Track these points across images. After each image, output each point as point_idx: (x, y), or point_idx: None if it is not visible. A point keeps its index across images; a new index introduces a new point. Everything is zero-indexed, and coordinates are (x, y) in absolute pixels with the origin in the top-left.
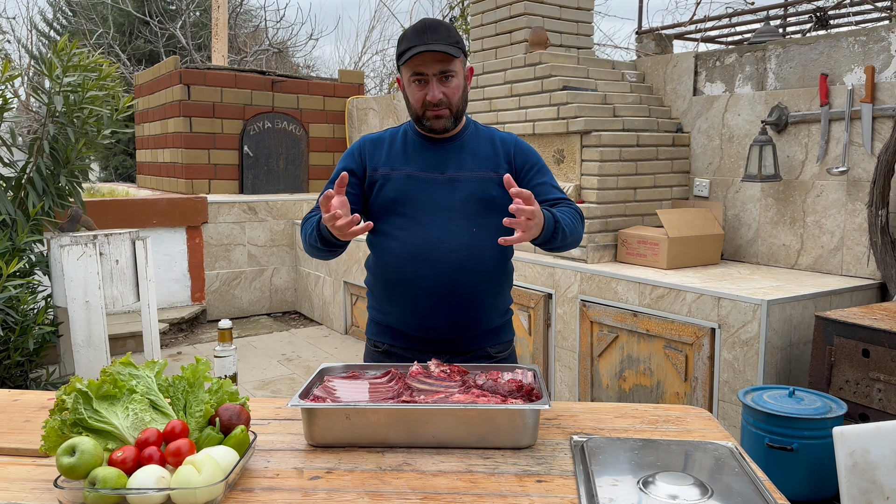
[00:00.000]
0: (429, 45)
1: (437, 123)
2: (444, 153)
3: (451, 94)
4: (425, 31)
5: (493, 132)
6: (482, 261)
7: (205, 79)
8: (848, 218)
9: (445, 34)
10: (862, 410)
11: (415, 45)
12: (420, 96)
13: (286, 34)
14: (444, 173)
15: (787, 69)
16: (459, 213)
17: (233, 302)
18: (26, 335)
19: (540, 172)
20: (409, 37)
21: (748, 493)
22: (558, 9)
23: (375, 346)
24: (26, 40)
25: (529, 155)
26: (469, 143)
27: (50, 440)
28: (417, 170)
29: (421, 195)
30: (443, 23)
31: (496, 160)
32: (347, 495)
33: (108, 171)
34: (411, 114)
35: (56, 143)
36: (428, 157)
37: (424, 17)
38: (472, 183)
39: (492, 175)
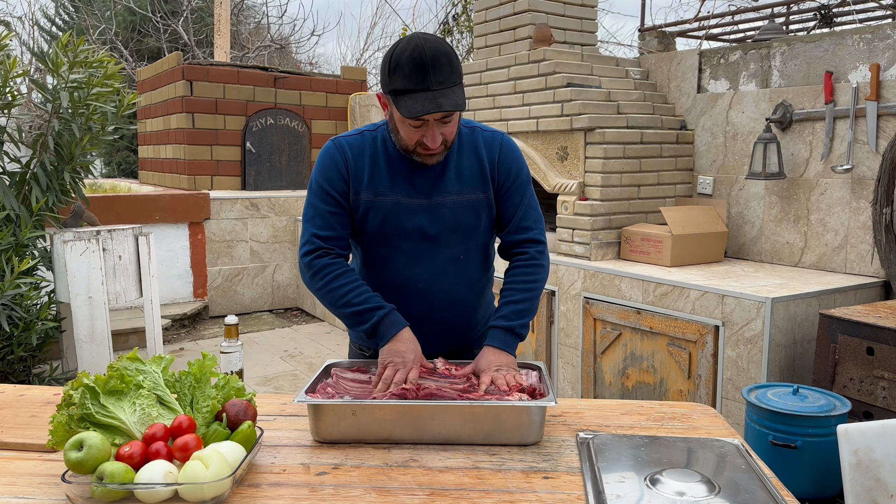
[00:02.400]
0: (436, 96)
1: (428, 160)
2: (429, 174)
3: (448, 134)
4: (426, 70)
5: (477, 139)
6: (469, 285)
7: (207, 75)
8: (852, 216)
9: (449, 70)
10: (866, 408)
11: (416, 91)
12: (415, 137)
13: (288, 30)
14: (431, 198)
15: (791, 67)
16: (446, 241)
17: (235, 298)
18: (29, 331)
19: (517, 189)
20: (405, 73)
21: (755, 490)
22: (562, 5)
23: (361, 349)
24: (29, 37)
25: (512, 164)
26: (452, 158)
27: (57, 435)
28: (402, 196)
29: (406, 225)
30: (442, 50)
31: (483, 177)
32: (354, 491)
33: (110, 167)
34: (397, 142)
35: (60, 140)
36: (412, 179)
37: (416, 39)
38: (458, 209)
39: (480, 196)
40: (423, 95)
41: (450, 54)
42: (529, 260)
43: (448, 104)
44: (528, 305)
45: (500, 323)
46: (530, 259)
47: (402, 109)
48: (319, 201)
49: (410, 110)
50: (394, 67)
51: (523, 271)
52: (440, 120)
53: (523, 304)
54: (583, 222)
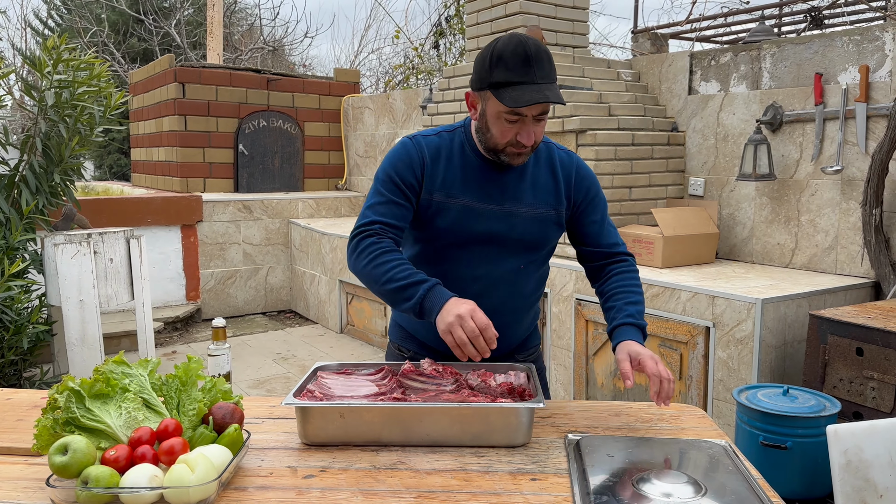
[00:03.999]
0: (541, 87)
1: (516, 160)
2: (503, 181)
3: (539, 134)
4: (530, 63)
5: (553, 154)
6: (523, 295)
7: (200, 77)
8: (842, 217)
9: (549, 67)
10: (856, 409)
11: (521, 83)
12: (509, 134)
13: (281, 32)
14: (503, 206)
15: (781, 68)
16: (510, 250)
17: (228, 301)
18: (20, 334)
19: (596, 206)
20: (510, 66)
21: (742, 491)
22: (554, 7)
23: (400, 350)
24: (20, 39)
25: (590, 183)
26: (530, 169)
27: (42, 439)
28: (474, 200)
29: (475, 228)
30: (543, 49)
31: (557, 195)
32: (341, 494)
33: (102, 170)
34: (485, 142)
35: (49, 141)
36: (486, 185)
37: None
38: (528, 221)
39: (551, 212)
40: (528, 87)
41: (549, 53)
42: (632, 268)
43: (553, 96)
44: (643, 307)
45: (631, 321)
46: (632, 267)
47: (506, 100)
48: (385, 190)
49: (517, 100)
50: (496, 61)
51: (630, 276)
52: (535, 117)
53: (641, 305)
54: None
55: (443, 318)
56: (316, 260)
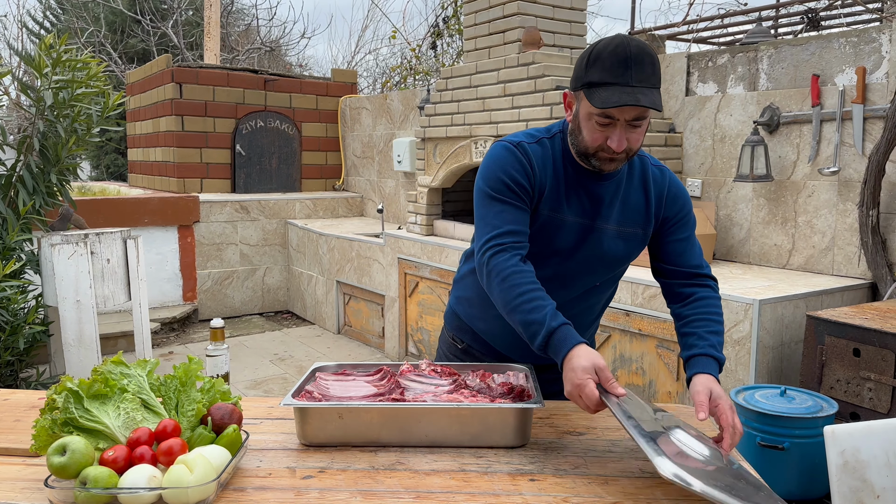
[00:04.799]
0: (636, 91)
1: (607, 167)
2: (597, 194)
3: (634, 141)
4: (629, 65)
5: (646, 168)
6: (590, 310)
7: (197, 77)
8: (839, 218)
9: (651, 71)
10: (853, 409)
11: (614, 84)
12: (599, 138)
13: (278, 33)
14: (593, 221)
15: (778, 70)
16: (591, 266)
17: (225, 301)
18: (17, 334)
19: (684, 226)
20: (606, 65)
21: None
22: (551, 9)
23: (454, 339)
24: (16, 39)
25: (683, 204)
26: (623, 185)
27: (40, 439)
28: (571, 215)
29: (561, 240)
30: (648, 51)
31: (647, 214)
32: (340, 494)
33: (99, 170)
34: (577, 144)
35: (46, 141)
36: (582, 199)
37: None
38: (615, 240)
39: (639, 232)
40: (621, 89)
41: (653, 57)
42: (712, 293)
43: (646, 101)
44: (723, 339)
45: (711, 352)
46: (713, 293)
47: (595, 100)
48: (502, 196)
49: (605, 101)
50: (594, 60)
51: (713, 303)
52: (629, 122)
53: (721, 336)
54: None
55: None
56: (313, 260)
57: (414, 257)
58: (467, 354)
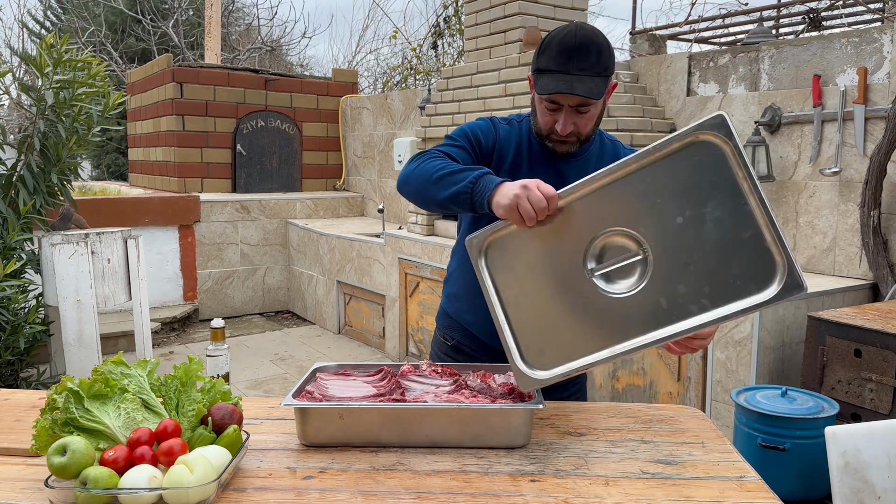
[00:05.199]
0: (573, 80)
1: (560, 148)
2: (565, 171)
3: (583, 126)
4: (573, 54)
5: (619, 149)
6: None
7: (198, 77)
8: (840, 218)
9: (595, 60)
10: (854, 410)
11: (556, 72)
12: (549, 121)
13: (279, 32)
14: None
15: (780, 70)
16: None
17: (225, 301)
18: (17, 334)
19: None
20: (553, 53)
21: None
22: (552, 8)
23: (445, 338)
24: (17, 39)
25: None
26: (592, 161)
27: (41, 439)
28: None
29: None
30: (596, 41)
31: None
32: (341, 495)
33: (100, 170)
34: (535, 125)
35: (47, 141)
36: (549, 174)
37: (576, 26)
38: None
39: None
40: (560, 77)
41: (601, 45)
42: None
43: (581, 89)
44: None
45: None
46: None
47: (537, 86)
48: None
49: (544, 88)
50: (544, 48)
51: None
52: (575, 108)
53: None
54: None
55: (504, 194)
56: (314, 260)
57: (414, 257)
58: (458, 351)
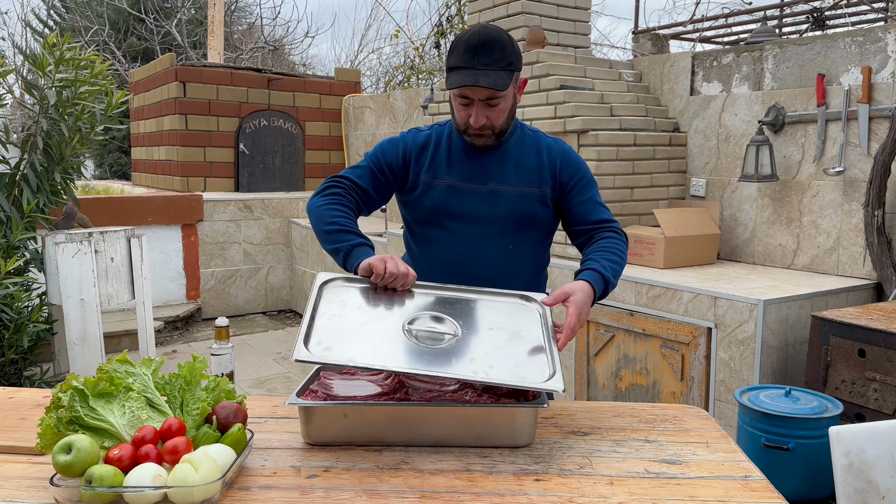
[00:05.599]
0: (477, 73)
1: (477, 141)
2: (487, 162)
3: (495, 118)
4: (477, 51)
5: (540, 139)
6: (516, 276)
7: (201, 76)
8: (844, 218)
9: (499, 56)
10: (858, 410)
11: (463, 68)
12: (463, 116)
13: (282, 32)
14: (486, 185)
15: (784, 69)
16: (497, 228)
17: (228, 300)
18: (21, 333)
19: (584, 188)
20: (459, 52)
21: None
22: (556, 8)
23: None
24: (20, 38)
25: (577, 167)
26: (514, 151)
27: (46, 438)
28: (459, 180)
29: (461, 207)
30: (498, 38)
31: (540, 173)
32: (345, 494)
33: (103, 169)
34: (454, 122)
35: (50, 140)
36: (471, 166)
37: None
38: (513, 198)
39: (535, 191)
40: (466, 72)
41: (504, 42)
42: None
43: (486, 82)
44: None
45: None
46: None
47: (447, 83)
48: (369, 160)
49: (453, 83)
50: (453, 48)
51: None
52: (485, 102)
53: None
54: None
55: (365, 262)
56: (317, 259)
57: None
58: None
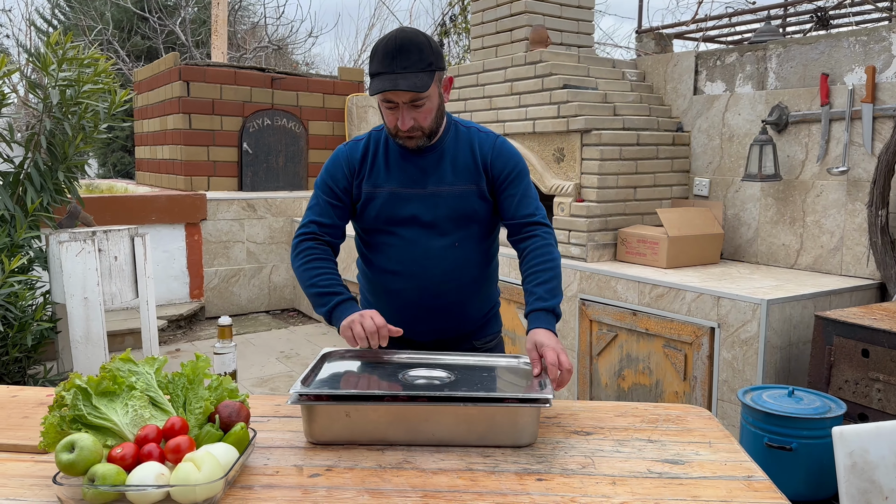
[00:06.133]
0: (397, 77)
1: (409, 143)
2: (424, 164)
3: (422, 119)
4: (395, 55)
5: (473, 135)
6: (464, 273)
7: (204, 75)
8: (848, 218)
9: (417, 58)
10: (861, 410)
11: (383, 73)
12: (392, 120)
13: (286, 31)
14: (426, 188)
15: (787, 69)
16: (441, 228)
17: (231, 299)
18: (25, 331)
19: (513, 182)
20: (379, 58)
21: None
22: (559, 7)
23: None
24: (25, 37)
25: (507, 161)
26: (449, 151)
27: (49, 436)
28: (399, 186)
29: (403, 213)
30: (415, 40)
31: (476, 171)
32: (347, 493)
33: (106, 168)
34: (385, 128)
35: (53, 139)
36: (408, 170)
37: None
38: (452, 199)
39: (472, 188)
40: (386, 77)
41: (421, 44)
42: (540, 241)
43: (405, 85)
44: (557, 283)
45: (538, 305)
46: (540, 241)
47: (370, 89)
48: (321, 192)
49: (374, 88)
50: (373, 54)
51: (540, 252)
52: (410, 104)
53: (552, 282)
54: (579, 224)
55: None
56: None
57: None
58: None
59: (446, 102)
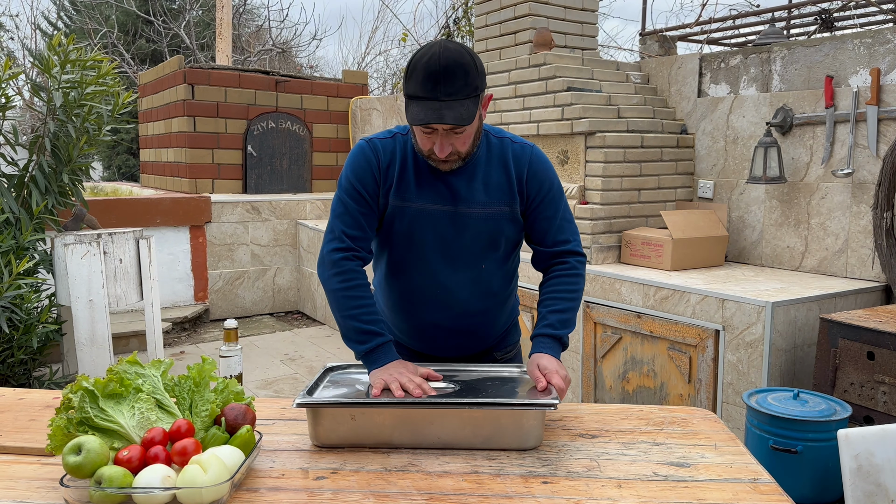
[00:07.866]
0: (441, 107)
1: (443, 167)
2: (455, 182)
3: (461, 145)
4: (438, 80)
5: (506, 150)
6: (489, 293)
7: (209, 78)
8: (853, 220)
9: (463, 83)
10: (867, 413)
11: (424, 99)
12: (427, 143)
13: (290, 34)
14: (456, 207)
15: (792, 71)
16: (469, 250)
17: (236, 301)
18: (30, 333)
19: (548, 204)
20: (419, 80)
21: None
22: (563, 10)
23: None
24: (30, 40)
25: (543, 181)
26: (481, 168)
27: (56, 439)
28: (428, 203)
29: (431, 232)
30: (461, 62)
31: (510, 191)
32: (353, 496)
33: (111, 171)
34: (415, 146)
35: (57, 141)
36: (438, 187)
37: (437, 47)
38: (483, 222)
39: (504, 210)
40: (429, 104)
41: (467, 66)
42: (570, 270)
43: (451, 117)
44: (571, 315)
45: (547, 331)
46: (571, 269)
47: (408, 115)
48: (350, 199)
49: (414, 117)
50: (411, 72)
51: (565, 280)
52: (450, 130)
53: (567, 313)
54: (583, 226)
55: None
56: None
57: None
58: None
59: (484, 119)
